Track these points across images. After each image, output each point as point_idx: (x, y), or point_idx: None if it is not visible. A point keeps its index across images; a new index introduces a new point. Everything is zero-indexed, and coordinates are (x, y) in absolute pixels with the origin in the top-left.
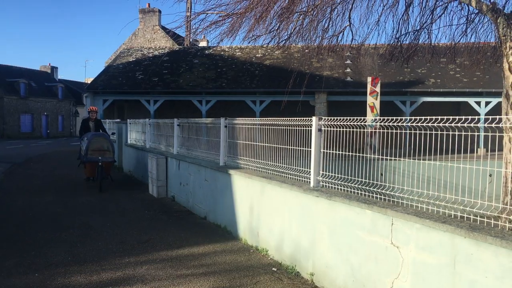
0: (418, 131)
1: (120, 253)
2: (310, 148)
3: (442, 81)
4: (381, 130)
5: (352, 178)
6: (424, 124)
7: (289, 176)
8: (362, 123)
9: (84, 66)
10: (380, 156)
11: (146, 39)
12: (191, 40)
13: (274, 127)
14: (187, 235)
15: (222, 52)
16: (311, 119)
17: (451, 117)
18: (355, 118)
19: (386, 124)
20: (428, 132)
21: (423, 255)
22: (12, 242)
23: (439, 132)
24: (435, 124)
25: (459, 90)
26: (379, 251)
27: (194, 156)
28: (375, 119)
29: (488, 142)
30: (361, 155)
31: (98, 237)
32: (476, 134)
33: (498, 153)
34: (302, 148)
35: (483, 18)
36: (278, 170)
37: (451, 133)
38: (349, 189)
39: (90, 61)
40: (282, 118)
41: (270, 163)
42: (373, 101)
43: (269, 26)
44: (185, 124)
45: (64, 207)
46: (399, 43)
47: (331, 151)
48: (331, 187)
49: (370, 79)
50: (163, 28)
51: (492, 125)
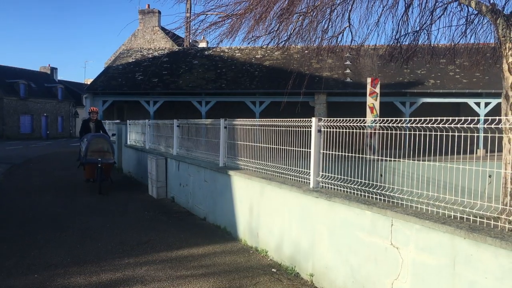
0: (417, 132)
1: (120, 254)
2: (310, 149)
3: (442, 82)
4: (380, 131)
5: (352, 179)
6: (423, 125)
7: (288, 177)
8: (362, 124)
9: (84, 67)
10: (379, 157)
11: (145, 40)
12: (190, 41)
13: (273, 128)
14: (186, 236)
15: (222, 53)
16: (310, 120)
17: (451, 118)
18: (355, 119)
19: (386, 125)
20: (427, 133)
21: (423, 256)
22: (11, 242)
23: (438, 133)
24: (434, 125)
25: (458, 91)
26: (379, 252)
27: (193, 157)
28: (375, 120)
29: (487, 143)
30: (360, 156)
31: (97, 238)
32: (475, 135)
33: (498, 154)
34: (301, 149)
35: (483, 19)
36: (278, 171)
37: (450, 134)
38: (348, 190)
39: (89, 62)
40: (282, 119)
41: (269, 164)
42: (372, 102)
43: (268, 27)
44: (184, 125)
45: (64, 208)
46: (399, 44)
47: (330, 152)
48: (331, 188)
49: (369, 80)
50: (163, 29)
51: (492, 126)
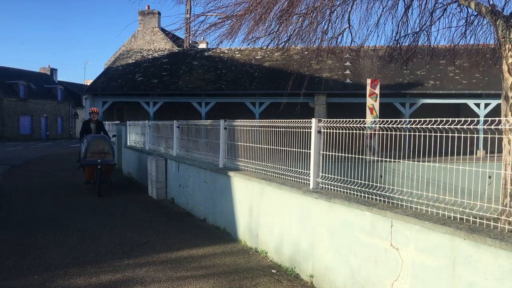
0: (417, 133)
1: (120, 255)
2: (310, 150)
3: (442, 83)
4: (380, 132)
5: (352, 180)
6: (423, 126)
7: (288, 178)
8: (362, 125)
9: (84, 68)
10: (379, 158)
11: (145, 41)
12: (190, 42)
13: (273, 128)
14: (186, 237)
15: (222, 54)
16: (310, 121)
17: (451, 119)
18: (355, 120)
19: (386, 126)
20: (427, 134)
21: (423, 257)
22: (11, 243)
23: (438, 134)
24: (434, 126)
25: (458, 92)
26: (379, 253)
27: (193, 158)
28: (375, 121)
29: (487, 144)
30: (360, 157)
31: (97, 238)
32: (475, 136)
33: (498, 155)
34: (301, 150)
35: (482, 20)
36: (278, 172)
37: (450, 135)
38: (348, 191)
39: (89, 63)
40: (282, 120)
41: (269, 165)
42: (372, 103)
43: (268, 28)
44: (184, 126)
45: (64, 209)
46: (399, 45)
47: (330, 153)
48: (331, 189)
49: (369, 81)
50: (163, 30)
51: (492, 127)
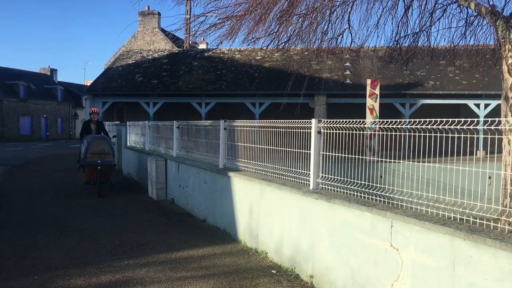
0: (417, 133)
1: (120, 255)
2: (310, 150)
3: (442, 83)
4: (380, 132)
5: (352, 180)
6: (423, 126)
7: (288, 178)
8: (362, 125)
9: (84, 68)
10: (379, 158)
11: (145, 41)
12: (190, 42)
13: (273, 129)
14: (186, 238)
15: (222, 55)
16: (310, 121)
17: (451, 119)
18: (355, 120)
19: (386, 126)
20: (427, 134)
21: (423, 257)
22: (11, 243)
23: (438, 134)
24: (434, 127)
25: (458, 93)
26: (379, 254)
27: (193, 158)
28: (375, 121)
29: (487, 145)
30: (360, 157)
31: (97, 239)
32: (475, 136)
33: (498, 155)
34: (301, 150)
35: (482, 21)
36: (278, 172)
37: (450, 135)
38: (348, 191)
39: (89, 63)
40: (282, 120)
41: (269, 165)
42: (372, 103)
43: (268, 29)
44: (184, 126)
45: (64, 210)
46: (399, 45)
47: (330, 153)
48: (331, 189)
49: (369, 81)
50: (163, 30)
51: (492, 127)
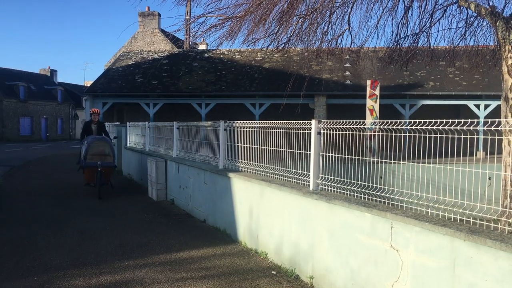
0: (417, 134)
1: (119, 256)
2: (310, 151)
3: (442, 84)
4: (380, 133)
5: (352, 181)
6: (423, 127)
7: (288, 179)
8: (362, 126)
9: (84, 69)
10: (379, 159)
11: (145, 42)
12: (190, 43)
13: (273, 130)
14: (186, 238)
15: (222, 55)
16: (310, 122)
17: (451, 120)
18: (355, 121)
19: (386, 127)
20: (427, 135)
21: (423, 258)
22: (11, 244)
23: (438, 135)
24: (434, 127)
25: (458, 93)
26: (379, 254)
27: (193, 159)
28: (375, 122)
29: (487, 145)
30: (360, 158)
31: (97, 240)
32: (475, 137)
33: (498, 156)
34: (301, 151)
35: (482, 22)
36: (278, 173)
37: (450, 136)
38: (348, 192)
39: (89, 64)
40: (282, 121)
41: (269, 166)
42: (372, 104)
43: (268, 29)
44: (184, 127)
45: (63, 210)
46: (398, 46)
47: (330, 154)
48: (331, 190)
49: (369, 82)
50: (163, 31)
51: (492, 128)
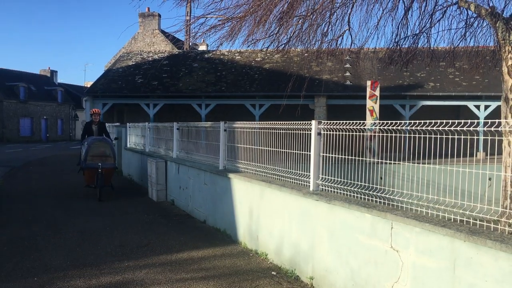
0: (417, 135)
1: (120, 257)
2: (310, 151)
3: (442, 85)
4: (380, 134)
5: (352, 181)
6: (423, 128)
7: (288, 179)
8: (362, 127)
9: (84, 70)
10: (379, 160)
11: (145, 43)
12: (190, 44)
13: (273, 130)
14: (186, 239)
15: (222, 56)
16: (310, 123)
17: (451, 121)
18: (355, 121)
19: (386, 127)
20: (427, 136)
21: (423, 259)
22: (11, 245)
23: (438, 136)
24: (434, 128)
25: (458, 94)
26: (379, 255)
27: (193, 160)
28: (375, 123)
29: (487, 146)
30: (360, 158)
31: (97, 240)
32: (475, 138)
33: (498, 157)
34: (301, 152)
35: (482, 22)
36: (278, 173)
37: (450, 137)
38: (348, 192)
39: (89, 65)
40: (282, 122)
41: (269, 166)
42: (372, 104)
43: (268, 30)
44: (184, 128)
45: (63, 211)
46: (398, 47)
47: (330, 155)
48: (331, 190)
49: (369, 83)
50: (163, 32)
51: (492, 128)
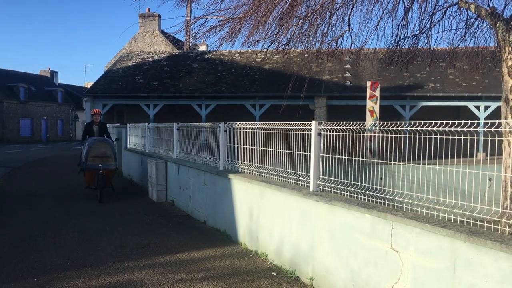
0: (417, 136)
1: (120, 257)
2: (310, 152)
3: (442, 85)
4: (380, 134)
5: (352, 182)
6: (423, 128)
7: (288, 180)
8: (362, 127)
9: (84, 70)
10: (379, 160)
11: (145, 43)
12: (190, 44)
13: (273, 131)
14: (186, 240)
15: (222, 57)
16: (310, 123)
17: (451, 121)
18: (355, 122)
19: (386, 128)
20: (427, 136)
21: (423, 259)
22: (11, 245)
23: (438, 137)
24: (434, 129)
25: (458, 95)
26: (379, 256)
27: (193, 160)
28: (375, 123)
29: (487, 147)
30: (360, 159)
31: (97, 241)
32: (475, 138)
33: (498, 157)
34: (301, 152)
35: (482, 23)
36: (278, 174)
37: (450, 137)
38: (348, 193)
39: (89, 65)
40: (282, 122)
41: (269, 167)
42: (372, 105)
43: (268, 31)
44: (184, 128)
45: (64, 212)
46: (399, 47)
47: (330, 155)
48: (331, 191)
49: (369, 83)
50: (163, 32)
51: (492, 129)
